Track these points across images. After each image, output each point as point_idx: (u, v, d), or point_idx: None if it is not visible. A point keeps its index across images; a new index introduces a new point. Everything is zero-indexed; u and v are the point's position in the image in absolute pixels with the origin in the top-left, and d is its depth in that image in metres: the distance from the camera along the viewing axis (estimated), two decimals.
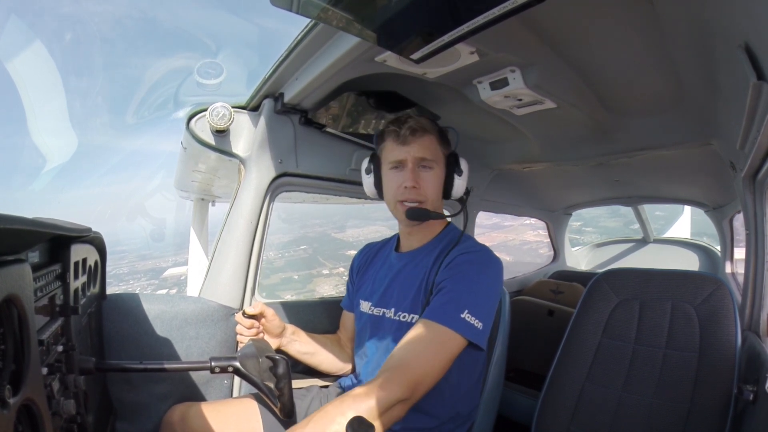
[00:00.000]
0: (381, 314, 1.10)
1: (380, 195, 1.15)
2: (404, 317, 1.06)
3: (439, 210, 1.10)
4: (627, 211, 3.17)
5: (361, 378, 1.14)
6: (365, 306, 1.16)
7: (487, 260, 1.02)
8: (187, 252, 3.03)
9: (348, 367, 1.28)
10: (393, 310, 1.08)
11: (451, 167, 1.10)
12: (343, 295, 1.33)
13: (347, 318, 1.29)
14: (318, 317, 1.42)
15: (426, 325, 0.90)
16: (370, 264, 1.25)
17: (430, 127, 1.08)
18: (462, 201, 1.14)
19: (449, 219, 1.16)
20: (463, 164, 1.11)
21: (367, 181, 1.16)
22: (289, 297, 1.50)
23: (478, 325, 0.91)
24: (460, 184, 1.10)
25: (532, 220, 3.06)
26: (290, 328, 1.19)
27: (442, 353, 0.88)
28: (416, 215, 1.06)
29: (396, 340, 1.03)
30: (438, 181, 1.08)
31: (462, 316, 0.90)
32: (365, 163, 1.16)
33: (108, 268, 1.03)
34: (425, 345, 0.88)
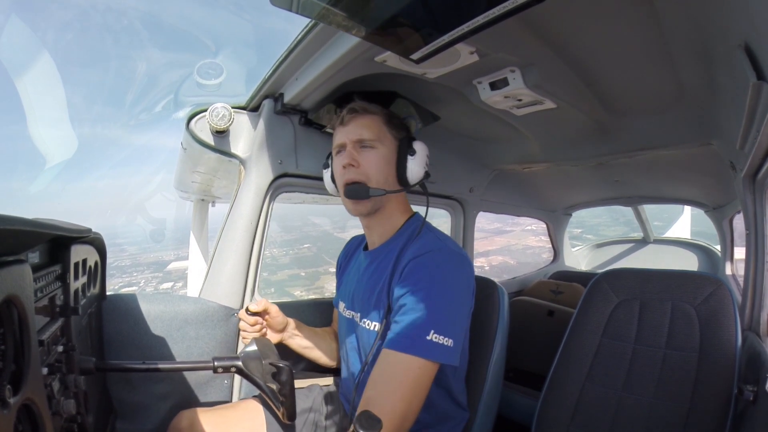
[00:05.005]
0: (352, 317, 1.08)
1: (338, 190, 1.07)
2: (368, 325, 1.00)
3: (394, 199, 1.04)
4: (629, 219, 3.17)
5: (347, 384, 1.12)
6: (341, 307, 1.15)
7: (446, 261, 0.90)
8: (188, 247, 3.03)
9: None
10: (359, 315, 1.05)
11: (404, 149, 1.01)
12: None
13: (336, 314, 1.29)
14: (317, 318, 1.42)
15: (394, 358, 0.84)
16: (349, 261, 1.22)
17: (375, 109, 1.03)
18: (423, 187, 1.04)
19: (414, 210, 1.11)
20: (420, 146, 1.02)
21: (326, 177, 1.13)
22: (297, 293, 1.50)
23: (448, 342, 0.84)
24: (413, 167, 1.00)
25: (534, 226, 3.06)
26: (292, 323, 1.20)
27: (417, 386, 0.83)
28: (352, 192, 0.98)
29: (368, 348, 1.00)
30: (382, 160, 0.99)
31: (428, 338, 0.83)
32: (325, 159, 1.13)
33: (110, 260, 1.03)
34: (399, 382, 0.82)
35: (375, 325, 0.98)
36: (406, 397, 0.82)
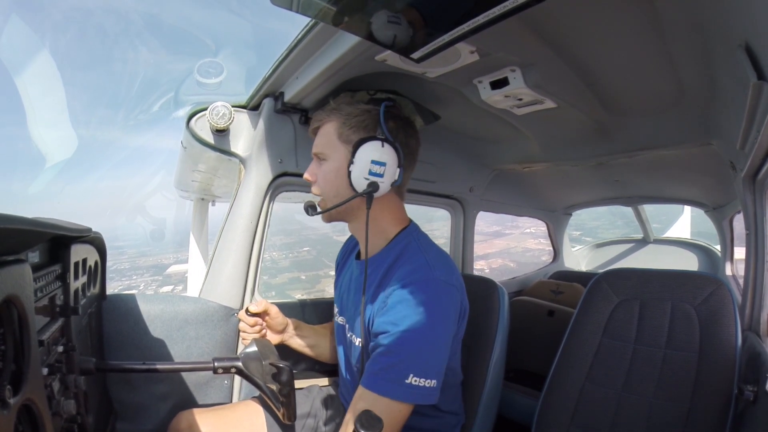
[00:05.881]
0: (343, 324, 1.08)
1: None
2: (353, 338, 0.99)
3: (358, 208, 0.97)
4: (628, 221, 3.17)
5: (344, 387, 1.12)
6: (335, 311, 1.15)
7: (431, 295, 0.86)
8: (188, 250, 3.03)
9: None
10: (347, 326, 1.04)
11: (353, 157, 0.93)
12: None
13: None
14: (316, 318, 1.42)
15: (371, 399, 0.82)
16: (345, 263, 1.20)
17: (330, 113, 0.97)
18: (368, 197, 0.93)
19: (410, 220, 1.05)
20: (365, 151, 0.91)
21: None
22: (299, 296, 1.49)
23: (429, 384, 0.83)
24: (355, 174, 0.92)
25: (533, 229, 3.06)
26: (293, 323, 1.19)
27: (394, 427, 0.83)
28: (306, 210, 1.02)
29: (353, 360, 1.01)
30: (331, 173, 0.96)
31: (408, 381, 0.81)
32: None
33: (109, 264, 1.03)
34: None
35: (359, 341, 0.97)
36: None
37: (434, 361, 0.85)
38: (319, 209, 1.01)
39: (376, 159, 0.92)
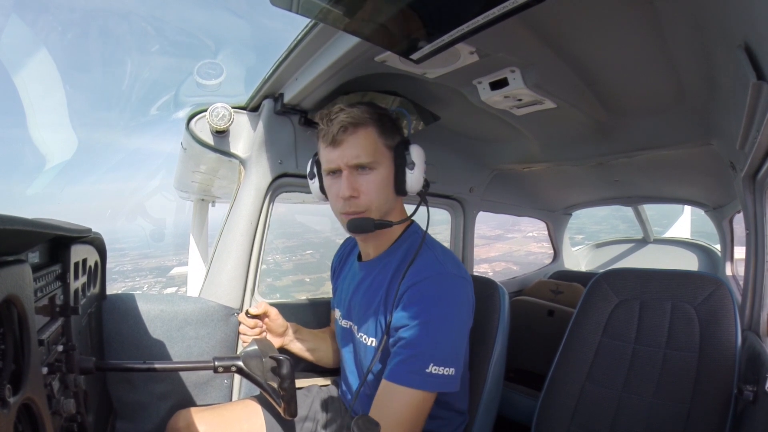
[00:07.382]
0: (349, 327, 1.07)
1: (327, 198, 1.02)
2: (365, 339, 1.00)
3: (393, 213, 0.98)
4: (630, 225, 3.17)
5: (347, 389, 1.12)
6: (337, 314, 1.14)
7: (445, 288, 0.90)
8: (188, 252, 3.04)
9: None
10: (356, 327, 1.04)
11: (401, 160, 0.94)
12: None
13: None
14: (315, 318, 1.42)
15: (395, 391, 0.87)
16: (343, 265, 1.20)
17: (365, 118, 0.91)
18: (421, 195, 0.97)
19: (412, 219, 1.04)
20: (416, 152, 0.95)
21: (313, 186, 1.05)
22: (298, 296, 1.49)
23: (449, 372, 0.86)
24: (413, 178, 0.94)
25: (535, 233, 3.06)
26: (293, 326, 1.19)
27: (418, 416, 0.87)
28: (356, 227, 0.94)
29: (365, 362, 1.01)
30: (383, 182, 0.93)
31: (428, 371, 0.85)
32: (309, 166, 1.05)
33: (111, 265, 1.03)
34: (400, 415, 0.86)
35: (372, 341, 0.98)
36: (407, 428, 0.86)
37: (452, 350, 0.88)
38: (377, 221, 0.93)
39: (425, 159, 0.97)
